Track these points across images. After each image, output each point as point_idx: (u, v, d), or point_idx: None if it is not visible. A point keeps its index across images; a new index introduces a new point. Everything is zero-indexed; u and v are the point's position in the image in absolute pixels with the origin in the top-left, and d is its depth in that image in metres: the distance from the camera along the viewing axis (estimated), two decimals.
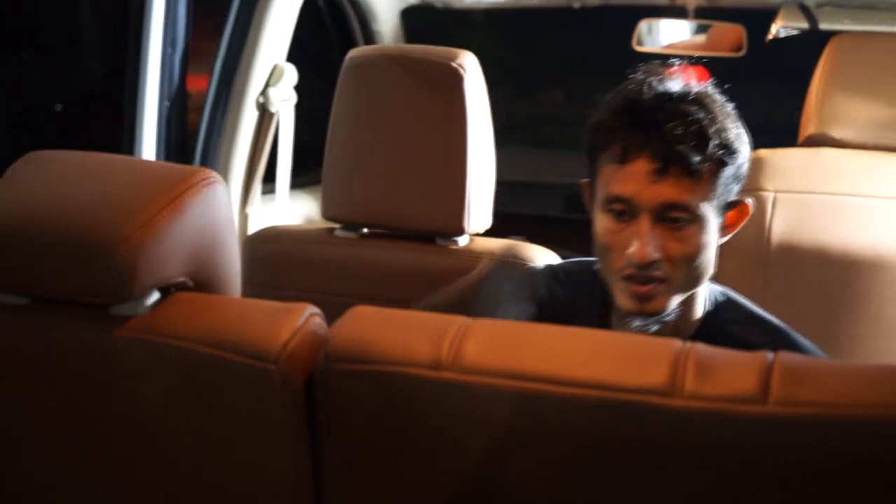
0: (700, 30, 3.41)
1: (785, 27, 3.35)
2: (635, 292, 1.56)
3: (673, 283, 1.56)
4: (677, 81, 1.60)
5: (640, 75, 1.63)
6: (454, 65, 2.07)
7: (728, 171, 1.58)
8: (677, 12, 3.48)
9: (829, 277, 2.56)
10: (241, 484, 1.19)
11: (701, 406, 1.01)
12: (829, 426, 0.99)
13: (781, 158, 2.62)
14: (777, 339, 1.59)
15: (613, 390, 1.04)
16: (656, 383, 1.03)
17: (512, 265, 1.86)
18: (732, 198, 1.61)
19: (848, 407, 1.00)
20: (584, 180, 1.68)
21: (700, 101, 1.57)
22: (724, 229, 1.63)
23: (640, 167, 1.54)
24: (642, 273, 1.55)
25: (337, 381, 1.12)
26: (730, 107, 1.62)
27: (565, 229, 3.10)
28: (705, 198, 1.56)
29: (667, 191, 1.53)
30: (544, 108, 4.56)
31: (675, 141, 1.53)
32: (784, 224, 2.54)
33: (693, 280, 1.60)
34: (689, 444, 1.02)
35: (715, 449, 1.01)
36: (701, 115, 1.55)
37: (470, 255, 2.16)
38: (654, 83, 1.59)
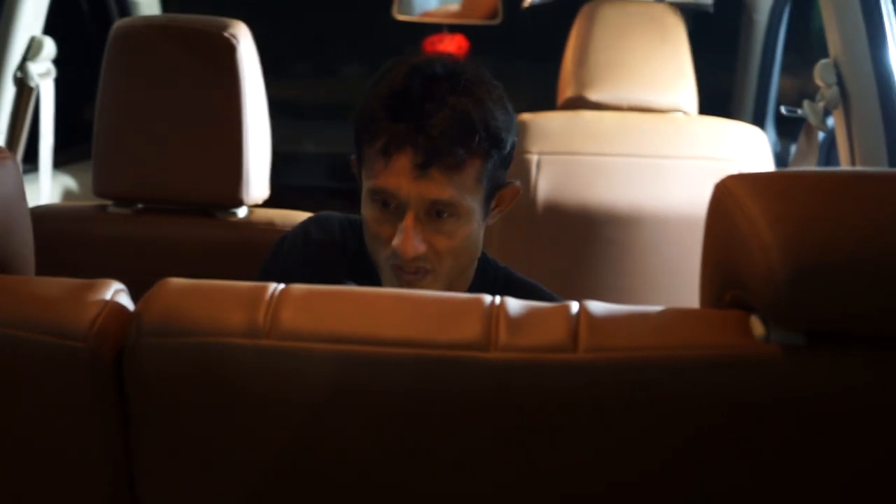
0: None
1: None
2: (401, 280, 1.55)
3: (439, 273, 1.56)
4: (445, 67, 1.54)
5: (407, 60, 1.57)
6: (226, 34, 2.05)
7: (495, 161, 1.55)
8: None
9: (593, 234, 2.68)
10: (51, 468, 1.15)
11: (516, 357, 1.06)
12: (634, 368, 1.05)
13: (544, 121, 2.72)
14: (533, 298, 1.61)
15: (430, 347, 1.07)
16: (471, 338, 1.07)
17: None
18: (500, 182, 1.59)
19: (649, 349, 1.06)
20: (353, 157, 1.63)
21: (468, 88, 1.52)
22: (492, 211, 1.61)
23: (403, 163, 1.50)
24: (408, 265, 1.54)
25: (150, 357, 1.10)
26: (499, 90, 1.57)
27: (333, 198, 3.13)
28: (471, 191, 1.53)
29: (431, 187, 1.50)
30: (301, 80, 4.56)
31: (438, 136, 1.48)
32: (548, 184, 2.64)
33: (460, 268, 1.59)
34: (507, 394, 1.06)
35: (532, 397, 1.06)
36: (468, 105, 1.50)
37: (249, 226, 2.15)
38: (420, 70, 1.53)
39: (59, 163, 2.99)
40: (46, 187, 2.70)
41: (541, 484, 1.08)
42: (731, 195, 1.08)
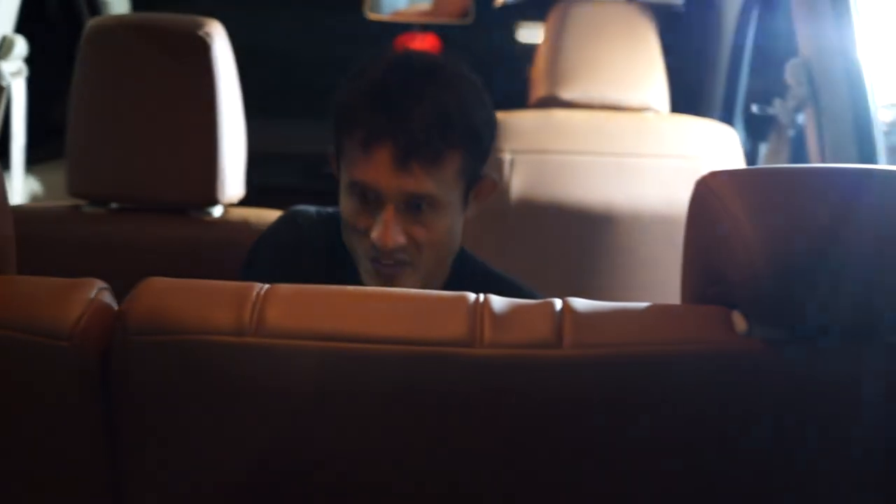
0: None
1: None
2: (380, 273, 1.55)
3: (418, 265, 1.56)
4: (424, 61, 1.56)
5: (386, 55, 1.58)
6: (201, 33, 2.04)
7: (474, 154, 1.56)
8: None
9: (566, 232, 2.69)
10: (37, 467, 1.15)
11: (501, 353, 1.06)
12: (619, 364, 1.06)
13: (516, 120, 2.73)
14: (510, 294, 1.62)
15: (416, 344, 1.07)
16: (456, 334, 1.07)
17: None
18: (478, 175, 1.60)
19: (633, 345, 1.07)
20: (331, 151, 1.63)
21: (447, 83, 1.53)
22: (470, 204, 1.62)
23: (382, 156, 1.50)
24: (387, 257, 1.54)
25: (136, 355, 1.10)
26: (479, 85, 1.58)
27: (307, 198, 3.11)
28: (450, 184, 1.54)
29: (410, 181, 1.50)
30: (275, 78, 4.54)
31: (418, 130, 1.49)
32: (522, 183, 2.65)
33: (438, 260, 1.60)
34: (493, 390, 1.07)
35: (518, 393, 1.07)
36: (447, 99, 1.51)
37: (225, 226, 2.14)
38: (399, 64, 1.55)
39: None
40: (18, 187, 2.68)
41: (527, 480, 1.09)
42: (712, 192, 1.10)
